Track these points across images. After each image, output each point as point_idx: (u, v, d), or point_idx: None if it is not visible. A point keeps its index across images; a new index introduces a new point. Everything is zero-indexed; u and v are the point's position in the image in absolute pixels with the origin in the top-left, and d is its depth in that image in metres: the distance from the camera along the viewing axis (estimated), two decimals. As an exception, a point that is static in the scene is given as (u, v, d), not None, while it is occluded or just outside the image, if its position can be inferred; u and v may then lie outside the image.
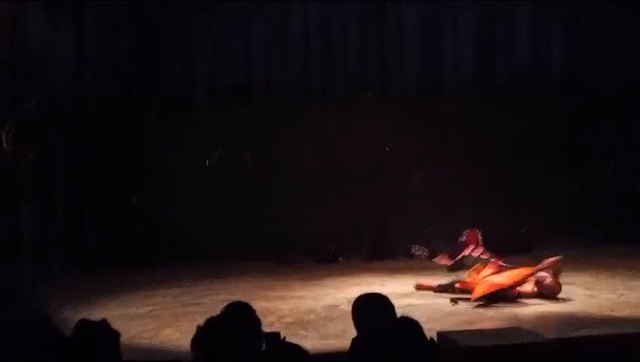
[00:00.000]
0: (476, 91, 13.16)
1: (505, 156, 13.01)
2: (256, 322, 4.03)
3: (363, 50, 12.96)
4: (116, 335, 3.91)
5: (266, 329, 4.48)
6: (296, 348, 3.59)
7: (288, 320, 8.25)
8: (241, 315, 4.02)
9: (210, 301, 9.39)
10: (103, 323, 3.93)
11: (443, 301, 8.99)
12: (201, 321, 4.03)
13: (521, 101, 13.06)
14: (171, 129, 12.58)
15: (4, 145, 9.35)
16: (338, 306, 8.75)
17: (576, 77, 13.19)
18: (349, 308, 4.54)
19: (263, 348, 4.20)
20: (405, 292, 9.56)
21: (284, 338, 4.40)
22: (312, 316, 8.45)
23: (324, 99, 12.89)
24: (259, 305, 8.70)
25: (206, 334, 3.78)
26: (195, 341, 3.85)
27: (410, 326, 3.81)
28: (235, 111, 12.64)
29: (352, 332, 4.46)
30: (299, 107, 12.78)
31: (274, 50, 12.77)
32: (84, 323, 3.98)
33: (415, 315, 7.36)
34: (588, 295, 9.15)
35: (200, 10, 12.58)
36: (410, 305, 8.49)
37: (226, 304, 4.43)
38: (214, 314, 4.11)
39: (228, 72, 12.65)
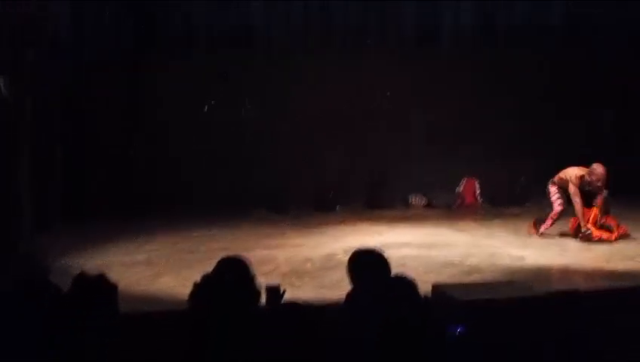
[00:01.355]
0: (477, 40, 13.04)
1: (504, 107, 12.96)
2: (250, 278, 4.04)
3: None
4: (113, 288, 3.93)
5: (262, 278, 4.50)
6: (293, 306, 3.59)
7: (284, 269, 8.29)
8: (234, 271, 4.03)
9: (206, 248, 9.45)
10: (101, 277, 3.94)
11: (438, 252, 9.03)
12: (194, 274, 4.03)
13: (521, 51, 12.95)
14: (170, 79, 12.51)
15: (3, 91, 9.30)
16: (335, 255, 8.79)
17: (577, 27, 13.06)
18: (346, 257, 4.55)
19: (263, 301, 4.23)
20: (403, 241, 9.63)
21: (284, 291, 4.42)
22: (308, 265, 8.49)
23: (323, 49, 12.79)
24: (255, 254, 8.86)
25: (201, 292, 3.80)
26: (191, 298, 3.88)
27: (405, 284, 3.83)
28: (233, 61, 12.56)
29: (348, 283, 4.48)
30: (297, 57, 12.70)
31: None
32: (82, 278, 3.99)
33: (411, 266, 7.46)
34: (584, 248, 9.17)
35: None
36: (406, 256, 8.54)
37: (221, 255, 4.44)
38: (210, 268, 4.12)
39: (227, 22, 12.53)
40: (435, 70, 12.93)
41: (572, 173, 9.81)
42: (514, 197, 12.88)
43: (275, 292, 4.35)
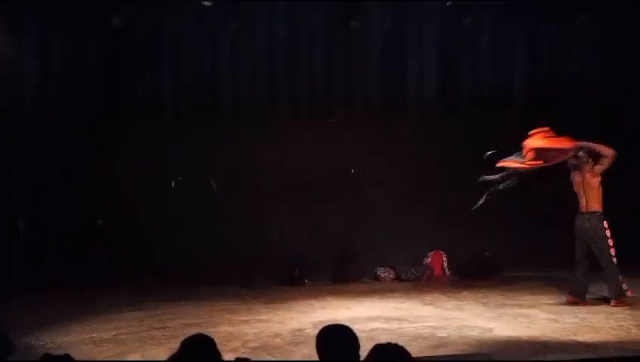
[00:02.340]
0: (440, 113, 13.25)
1: (468, 177, 13.07)
2: (216, 355, 4.00)
3: (328, 70, 13.05)
4: None
5: (231, 354, 4.48)
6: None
7: (253, 344, 8.21)
8: (199, 350, 4.00)
9: (174, 324, 9.37)
10: (66, 357, 3.89)
11: (408, 325, 9.02)
12: (162, 351, 4.01)
13: (484, 121, 13.16)
14: (136, 146, 12.53)
15: None
16: (304, 330, 8.75)
17: (538, 92, 13.33)
18: (315, 331, 4.54)
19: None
20: (371, 316, 9.61)
21: (254, 363, 4.40)
22: (277, 340, 8.42)
23: (288, 121, 12.93)
24: (223, 330, 8.81)
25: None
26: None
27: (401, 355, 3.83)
28: (199, 131, 12.63)
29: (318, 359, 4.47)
30: (262, 126, 12.81)
31: (240, 67, 12.82)
32: (48, 359, 3.93)
33: (380, 340, 7.41)
34: (551, 319, 9.20)
35: (165, 25, 12.58)
36: (375, 330, 8.54)
37: (188, 332, 4.42)
38: (178, 345, 4.08)
39: (194, 88, 12.66)
40: (400, 138, 13.07)
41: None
42: (482, 269, 12.96)
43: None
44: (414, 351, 3.93)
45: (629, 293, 9.91)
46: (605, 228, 9.91)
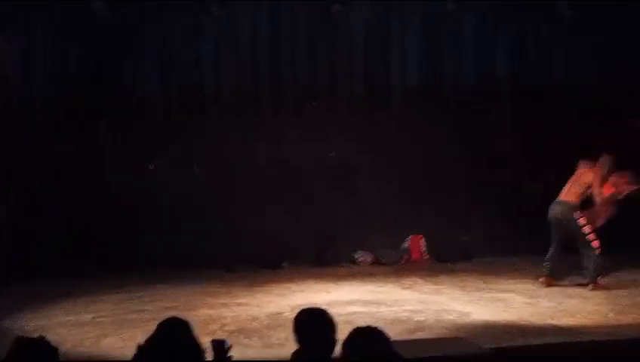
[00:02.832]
0: (425, 101, 13.28)
1: (448, 165, 13.14)
2: (192, 337, 4.00)
3: (311, 58, 13.03)
4: (54, 351, 3.85)
5: (209, 337, 4.47)
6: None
7: (231, 328, 8.22)
8: (175, 332, 3.99)
9: (153, 308, 9.37)
10: (41, 339, 3.86)
11: (386, 309, 9.06)
12: (139, 334, 4.00)
13: (467, 111, 13.20)
14: (121, 138, 12.50)
15: None
16: (282, 314, 8.77)
17: (522, 87, 13.37)
18: (293, 315, 4.55)
19: (210, 358, 4.20)
20: (349, 299, 9.64)
21: (231, 346, 4.39)
22: (255, 324, 8.44)
23: (272, 109, 12.92)
24: (202, 313, 8.82)
25: (144, 354, 3.76)
26: (134, 361, 3.83)
27: (378, 338, 3.84)
28: (184, 121, 12.61)
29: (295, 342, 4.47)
30: (247, 116, 12.80)
31: (224, 61, 12.78)
32: (21, 341, 3.91)
33: (358, 323, 7.44)
34: (528, 303, 9.27)
35: (149, 21, 12.53)
36: (353, 313, 8.57)
37: (167, 315, 4.41)
38: (150, 329, 4.07)
39: (178, 83, 12.63)
40: (382, 129, 13.10)
41: (591, 175, 10.07)
42: (460, 253, 13.02)
43: (221, 346, 4.31)
44: (392, 335, 3.94)
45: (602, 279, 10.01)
46: (577, 218, 9.98)
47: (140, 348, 3.80)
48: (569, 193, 10.17)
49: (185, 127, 12.62)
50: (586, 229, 9.96)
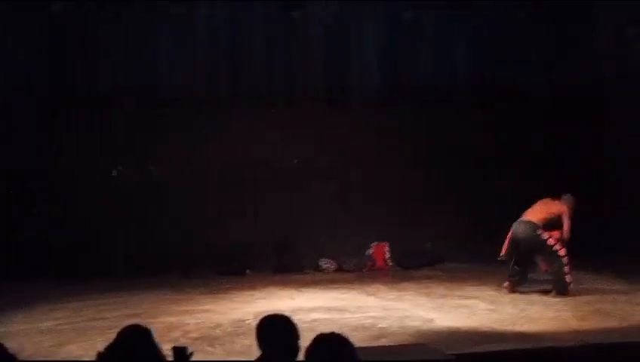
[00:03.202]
0: (384, 101, 13.33)
1: (411, 169, 13.17)
2: (152, 345, 3.95)
3: (269, 59, 13.02)
4: (12, 359, 3.78)
5: (171, 345, 4.42)
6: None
7: (194, 335, 8.16)
8: (135, 340, 3.94)
9: (114, 315, 9.27)
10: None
11: (350, 315, 9.05)
12: (100, 341, 3.94)
13: (426, 112, 13.25)
14: (78, 140, 12.36)
15: None
16: (245, 320, 8.71)
17: (481, 87, 13.48)
18: (256, 322, 4.52)
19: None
20: (313, 306, 9.62)
21: (192, 352, 4.34)
22: (218, 331, 8.38)
23: (230, 110, 12.87)
24: (164, 320, 8.73)
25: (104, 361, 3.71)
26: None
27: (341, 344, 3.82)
28: (141, 122, 12.51)
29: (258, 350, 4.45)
30: (205, 118, 12.73)
31: (181, 56, 12.72)
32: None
33: (322, 330, 7.41)
34: (491, 309, 9.30)
35: (107, 20, 12.42)
36: (317, 320, 8.55)
37: (128, 322, 4.37)
38: (115, 336, 4.02)
39: (135, 83, 12.54)
40: (343, 131, 13.10)
41: (557, 206, 10.13)
42: (424, 260, 13.06)
43: (182, 353, 4.26)
44: (355, 341, 3.92)
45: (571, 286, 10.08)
46: (540, 234, 10.06)
47: (100, 356, 3.75)
48: (535, 213, 10.24)
49: (142, 128, 12.53)
50: (551, 241, 10.04)
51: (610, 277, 11.26)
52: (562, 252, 10.01)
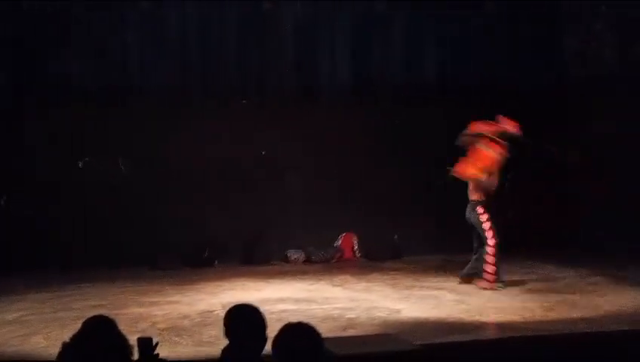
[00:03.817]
0: (353, 98, 13.34)
1: (379, 164, 13.20)
2: (117, 335, 3.93)
3: (240, 55, 12.99)
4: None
5: (138, 336, 4.40)
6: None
7: (162, 326, 8.13)
8: (100, 330, 3.92)
9: (80, 306, 9.21)
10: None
11: (317, 306, 9.07)
12: (67, 333, 3.91)
13: (395, 109, 13.29)
14: (45, 131, 12.24)
15: None
16: (213, 311, 8.71)
17: (451, 85, 13.54)
18: (224, 313, 4.52)
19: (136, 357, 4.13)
20: (280, 297, 9.63)
21: (157, 343, 4.33)
22: (186, 322, 8.36)
23: (201, 103, 12.83)
24: (132, 311, 8.69)
25: (69, 352, 3.68)
26: (59, 359, 3.74)
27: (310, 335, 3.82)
28: (110, 114, 12.43)
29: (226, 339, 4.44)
30: (175, 110, 12.67)
31: (151, 51, 12.66)
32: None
33: (289, 321, 7.43)
34: (457, 300, 9.36)
35: (76, 12, 12.32)
36: (284, 311, 8.56)
37: (95, 313, 4.34)
38: (79, 329, 4.00)
39: (104, 74, 12.46)
40: (313, 127, 13.10)
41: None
42: (391, 252, 13.11)
43: (147, 344, 4.25)
44: (323, 332, 3.93)
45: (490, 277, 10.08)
46: (479, 213, 10.11)
47: (65, 346, 3.72)
48: (470, 193, 10.34)
49: (112, 122, 12.43)
50: (485, 225, 10.08)
51: (576, 269, 11.38)
52: (491, 241, 10.02)
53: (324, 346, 3.83)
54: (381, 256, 13.06)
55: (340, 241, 13.43)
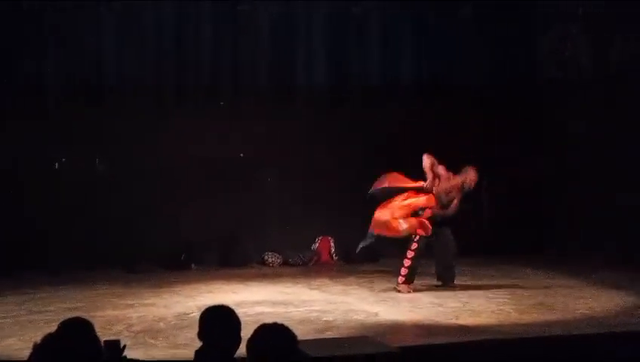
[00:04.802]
0: (331, 100, 13.35)
1: (354, 165, 13.19)
2: (92, 338, 3.90)
3: (216, 54, 12.96)
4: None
5: (112, 338, 4.38)
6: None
7: (137, 328, 8.09)
8: (75, 332, 3.88)
9: (55, 309, 9.15)
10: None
11: (295, 309, 9.06)
12: (41, 335, 3.86)
13: (372, 110, 13.30)
14: (20, 130, 12.14)
15: None
16: (189, 314, 8.68)
17: (427, 86, 13.58)
18: (199, 316, 4.50)
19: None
20: (257, 300, 9.61)
21: (124, 346, 4.30)
22: (161, 324, 8.33)
23: (176, 104, 12.79)
24: (107, 314, 8.64)
25: (41, 353, 3.63)
26: (30, 359, 3.69)
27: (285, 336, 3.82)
28: (85, 114, 12.36)
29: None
30: (151, 111, 12.63)
31: (126, 50, 12.60)
32: None
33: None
34: (435, 303, 9.38)
35: (52, 8, 12.24)
36: (261, 314, 8.54)
37: (70, 316, 4.31)
38: (52, 330, 3.96)
39: (79, 73, 12.39)
40: (288, 127, 13.08)
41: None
42: (368, 255, 13.08)
43: (114, 347, 4.22)
44: (300, 335, 3.92)
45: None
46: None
47: (36, 347, 3.68)
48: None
49: (87, 122, 12.35)
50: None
51: (551, 272, 11.44)
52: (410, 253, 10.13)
53: (298, 346, 3.82)
54: (358, 258, 13.03)
55: (317, 244, 13.42)
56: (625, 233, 12.06)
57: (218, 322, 4.22)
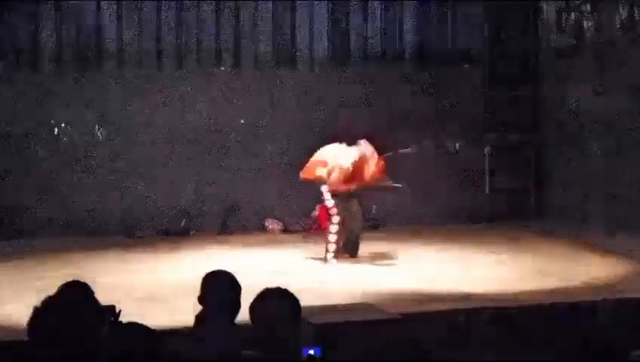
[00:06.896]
0: (333, 64, 13.30)
1: (357, 132, 13.12)
2: (93, 301, 3.89)
3: (218, 20, 12.87)
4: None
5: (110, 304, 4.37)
6: (135, 327, 3.48)
7: (137, 295, 8.09)
8: (77, 295, 3.87)
9: (55, 274, 9.10)
10: None
11: (294, 277, 9.04)
12: (40, 300, 3.84)
13: (373, 77, 13.24)
14: (16, 95, 12.08)
15: None
16: (189, 280, 8.64)
17: (425, 55, 13.53)
18: (199, 282, 4.48)
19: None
20: (257, 267, 9.57)
21: (120, 311, 4.29)
22: (162, 290, 8.33)
23: (176, 70, 12.72)
24: (107, 280, 8.62)
25: (41, 315, 3.62)
26: (31, 322, 3.68)
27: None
28: (84, 80, 12.30)
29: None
30: (151, 77, 12.56)
31: (126, 17, 12.51)
32: None
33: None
34: (435, 271, 9.39)
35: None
36: (261, 280, 8.46)
37: (68, 280, 4.30)
38: (52, 293, 3.95)
39: (78, 38, 12.31)
40: (290, 94, 13.01)
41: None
42: (369, 223, 13.05)
43: (109, 312, 4.21)
44: (301, 302, 3.92)
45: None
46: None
47: (36, 310, 3.67)
48: None
49: (85, 87, 12.29)
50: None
51: (551, 240, 11.43)
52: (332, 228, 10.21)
53: (300, 310, 3.83)
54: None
55: (317, 211, 13.37)
56: (626, 201, 12.01)
57: (218, 286, 4.21)
